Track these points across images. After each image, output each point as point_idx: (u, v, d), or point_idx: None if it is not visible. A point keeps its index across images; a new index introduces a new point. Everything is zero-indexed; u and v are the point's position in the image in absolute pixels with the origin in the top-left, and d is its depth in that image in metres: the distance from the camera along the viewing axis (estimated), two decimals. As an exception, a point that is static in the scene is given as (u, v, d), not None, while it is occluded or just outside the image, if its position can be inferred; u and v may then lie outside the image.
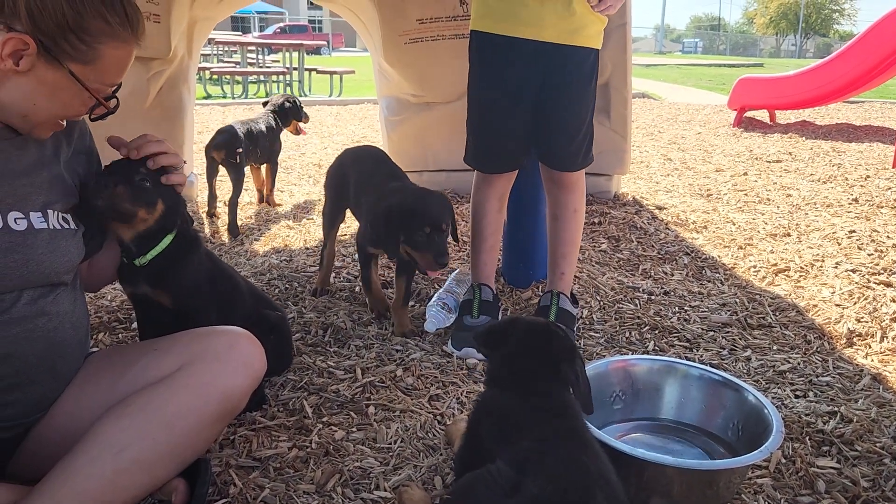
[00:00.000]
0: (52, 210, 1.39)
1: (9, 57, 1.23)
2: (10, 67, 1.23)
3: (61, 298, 1.41)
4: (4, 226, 1.30)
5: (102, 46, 1.29)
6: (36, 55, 1.24)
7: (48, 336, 1.37)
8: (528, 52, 2.15)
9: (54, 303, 1.39)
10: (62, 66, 1.27)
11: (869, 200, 4.23)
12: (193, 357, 1.44)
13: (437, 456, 1.69)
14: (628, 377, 1.85)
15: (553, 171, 2.34)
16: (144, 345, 1.60)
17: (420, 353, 2.23)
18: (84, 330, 1.51)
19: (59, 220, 1.40)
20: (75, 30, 1.26)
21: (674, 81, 16.52)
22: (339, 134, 7.23)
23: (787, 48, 58.78)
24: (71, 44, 1.26)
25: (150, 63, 3.57)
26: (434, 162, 4.20)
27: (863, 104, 10.34)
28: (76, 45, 1.26)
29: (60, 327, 1.40)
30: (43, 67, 1.26)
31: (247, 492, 1.53)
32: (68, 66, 1.27)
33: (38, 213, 1.36)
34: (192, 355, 1.44)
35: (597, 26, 2.19)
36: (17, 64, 1.23)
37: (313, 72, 12.86)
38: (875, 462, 1.66)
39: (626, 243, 3.36)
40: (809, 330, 2.42)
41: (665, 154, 6.03)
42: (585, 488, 1.13)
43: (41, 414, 1.42)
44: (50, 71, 1.27)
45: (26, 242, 1.33)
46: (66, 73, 1.27)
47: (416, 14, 3.73)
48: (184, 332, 1.55)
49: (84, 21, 1.26)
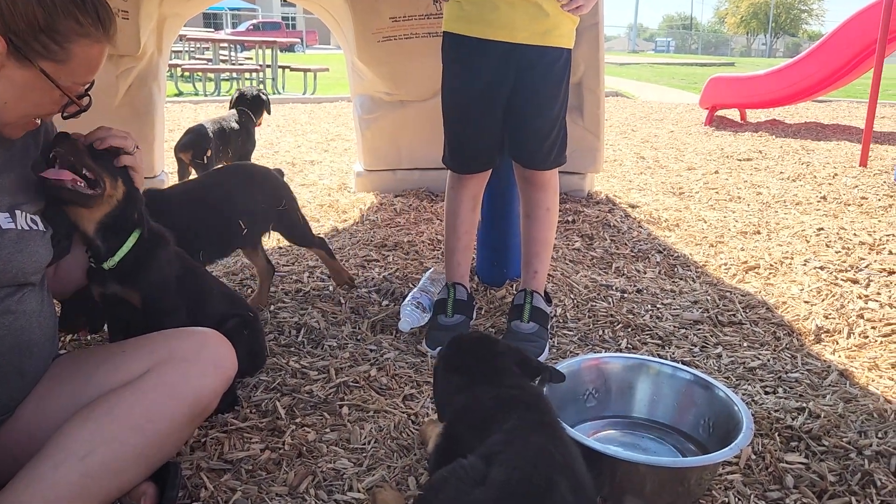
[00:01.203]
0: (20, 211, 1.37)
1: None
2: None
3: (28, 298, 1.39)
4: None
5: (74, 46, 1.28)
6: (6, 54, 1.22)
7: (14, 335, 1.35)
8: (500, 53, 2.15)
9: (21, 302, 1.36)
10: (34, 66, 1.25)
11: (837, 198, 4.31)
12: (162, 359, 1.42)
13: (412, 456, 1.68)
14: (601, 375, 1.86)
15: (526, 169, 2.35)
16: (112, 347, 1.58)
17: (394, 352, 2.22)
18: (51, 331, 1.49)
19: (27, 221, 1.38)
20: (46, 30, 1.24)
21: (646, 80, 16.67)
22: (312, 132, 7.18)
23: (758, 47, 59.65)
24: (42, 44, 1.24)
25: (119, 60, 3.51)
26: (408, 160, 4.19)
27: (831, 103, 10.52)
28: (48, 45, 1.25)
29: (27, 327, 1.38)
30: (14, 67, 1.24)
31: (218, 495, 1.52)
32: (40, 65, 1.25)
33: (6, 214, 1.34)
34: (161, 357, 1.42)
35: (568, 26, 2.20)
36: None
37: (287, 69, 12.75)
38: (842, 457, 1.68)
39: (600, 241, 3.38)
40: (779, 327, 2.46)
41: (638, 153, 6.08)
42: (549, 475, 1.15)
43: (6, 415, 1.39)
44: (21, 70, 1.25)
45: None
46: (37, 72, 1.26)
47: (389, 12, 3.71)
48: (153, 333, 1.53)
49: (55, 21, 1.24)
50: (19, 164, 1.40)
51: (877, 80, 5.35)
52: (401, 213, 3.80)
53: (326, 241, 2.70)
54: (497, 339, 1.65)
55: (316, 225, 3.61)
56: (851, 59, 7.27)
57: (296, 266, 2.92)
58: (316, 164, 5.35)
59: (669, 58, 38.77)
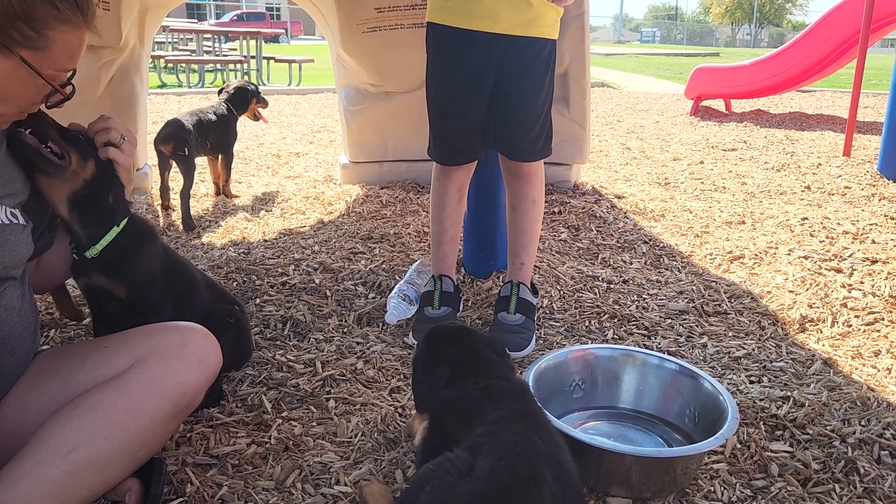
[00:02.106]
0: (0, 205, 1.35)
1: None
2: None
3: (9, 293, 1.37)
4: None
5: (53, 32, 1.25)
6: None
7: None
8: (483, 44, 2.14)
9: (1, 296, 1.35)
10: (13, 54, 1.23)
11: (821, 188, 4.33)
12: (145, 354, 1.41)
13: (398, 449, 1.68)
14: (587, 366, 1.86)
15: (511, 161, 2.34)
16: (95, 342, 1.56)
17: (381, 345, 2.21)
18: (32, 326, 1.47)
19: (7, 215, 1.36)
20: (23, 17, 1.21)
21: (632, 71, 16.69)
22: (298, 124, 7.14)
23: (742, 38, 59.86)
24: (20, 31, 1.22)
25: (101, 52, 3.47)
26: (394, 152, 4.18)
27: (815, 93, 10.58)
28: (25, 33, 1.22)
29: (7, 321, 1.36)
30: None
31: (204, 490, 1.51)
32: (19, 53, 1.23)
33: None
34: (144, 352, 1.41)
35: (552, 16, 2.19)
36: None
37: (271, 60, 12.67)
38: (826, 445, 1.70)
39: (586, 232, 3.38)
40: (763, 316, 2.47)
41: (624, 143, 6.09)
42: (534, 466, 1.16)
43: None
44: (1, 60, 1.22)
45: None
46: (17, 60, 1.23)
47: (374, 3, 3.69)
48: (136, 328, 1.51)
49: (32, 8, 1.22)
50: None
51: (860, 69, 5.38)
52: (387, 205, 3.78)
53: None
54: (474, 330, 1.66)
55: (301, 217, 3.60)
56: (835, 49, 7.31)
57: (281, 259, 2.90)
58: (301, 156, 5.32)
59: (655, 48, 38.85)
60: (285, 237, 3.24)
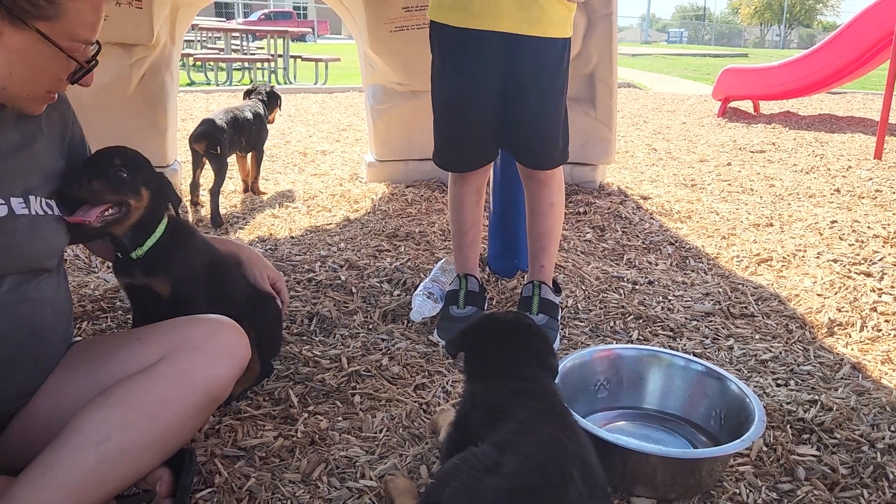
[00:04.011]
0: (34, 196, 1.37)
1: None
2: None
3: (44, 285, 1.40)
4: None
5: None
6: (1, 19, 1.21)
7: (30, 322, 1.36)
8: (485, 44, 2.04)
9: (37, 288, 1.38)
10: (28, 26, 1.23)
11: (851, 191, 4.27)
12: (175, 346, 1.43)
13: (423, 445, 1.69)
14: (612, 366, 1.86)
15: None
16: (128, 334, 1.59)
17: (406, 342, 2.23)
18: (67, 318, 1.50)
19: (41, 206, 1.38)
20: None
21: (659, 71, 16.57)
22: (324, 122, 7.19)
23: (772, 38, 59.11)
24: (32, 2, 1.22)
25: (133, 50, 3.52)
26: (420, 151, 4.19)
27: (845, 95, 10.43)
28: (37, 3, 1.22)
29: (42, 313, 1.39)
30: (10, 32, 1.22)
31: (232, 481, 1.53)
32: (34, 24, 1.23)
33: (20, 199, 1.34)
34: (173, 344, 1.43)
35: (562, 13, 2.06)
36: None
37: (298, 59, 12.75)
38: (854, 449, 1.68)
39: (611, 233, 3.37)
40: (791, 319, 2.45)
41: (650, 144, 6.05)
42: (562, 466, 1.15)
43: (22, 402, 1.41)
44: (18, 35, 1.23)
45: (6, 228, 1.31)
46: (33, 33, 1.24)
47: (401, 2, 3.71)
48: (166, 321, 1.54)
49: None
50: (32, 146, 1.40)
51: (893, 71, 5.30)
52: (412, 203, 3.80)
53: None
54: (528, 324, 1.57)
55: (327, 215, 3.63)
56: (867, 51, 7.18)
57: (308, 255, 2.93)
58: (327, 154, 5.35)
59: (682, 48, 38.49)
60: (312, 234, 3.27)
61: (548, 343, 1.56)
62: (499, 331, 1.53)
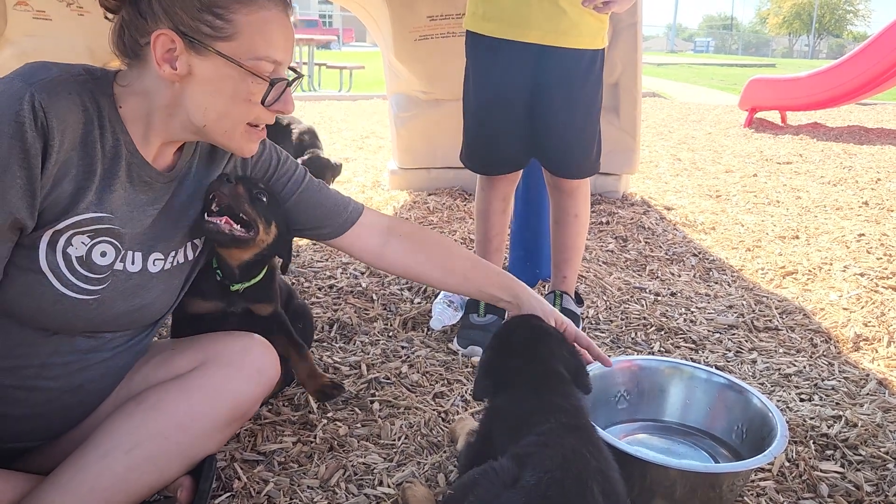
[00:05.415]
0: (189, 242, 1.43)
1: (165, 62, 1.18)
2: (170, 73, 1.19)
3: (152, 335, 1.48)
4: (143, 268, 1.34)
5: (236, 16, 1.19)
6: (185, 51, 1.19)
7: (117, 372, 1.43)
8: (515, 54, 2.08)
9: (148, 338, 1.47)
10: (209, 49, 1.19)
11: (879, 204, 4.21)
12: (208, 359, 1.45)
13: (441, 453, 1.69)
14: (633, 378, 1.84)
15: (553, 176, 2.32)
16: (163, 342, 1.61)
17: (425, 350, 2.23)
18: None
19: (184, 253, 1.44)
20: (206, 7, 1.18)
21: (685, 81, 16.47)
22: (347, 129, 7.23)
23: (800, 48, 58.52)
24: (208, 24, 1.19)
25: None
26: (443, 159, 4.20)
27: (875, 106, 10.28)
28: (213, 23, 1.19)
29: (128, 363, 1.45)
30: (197, 62, 1.20)
31: (251, 486, 1.54)
32: (214, 47, 1.19)
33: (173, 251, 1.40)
34: (206, 357, 1.45)
35: (593, 25, 2.08)
36: (174, 68, 1.19)
37: (323, 66, 12.86)
38: (879, 467, 1.65)
39: (634, 243, 3.35)
40: (816, 333, 2.41)
41: (674, 154, 6.01)
42: (582, 482, 1.14)
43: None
44: (204, 63, 1.20)
45: (149, 285, 1.36)
46: (216, 56, 1.19)
47: (426, 11, 3.73)
48: (201, 335, 1.56)
49: None
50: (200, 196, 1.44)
51: (924, 82, 5.22)
52: (434, 211, 3.81)
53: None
54: (553, 334, 1.57)
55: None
56: (898, 62, 7.09)
57: (329, 262, 2.95)
58: (350, 162, 5.39)
59: (709, 58, 38.22)
60: (334, 241, 3.29)
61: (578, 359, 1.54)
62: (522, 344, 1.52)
